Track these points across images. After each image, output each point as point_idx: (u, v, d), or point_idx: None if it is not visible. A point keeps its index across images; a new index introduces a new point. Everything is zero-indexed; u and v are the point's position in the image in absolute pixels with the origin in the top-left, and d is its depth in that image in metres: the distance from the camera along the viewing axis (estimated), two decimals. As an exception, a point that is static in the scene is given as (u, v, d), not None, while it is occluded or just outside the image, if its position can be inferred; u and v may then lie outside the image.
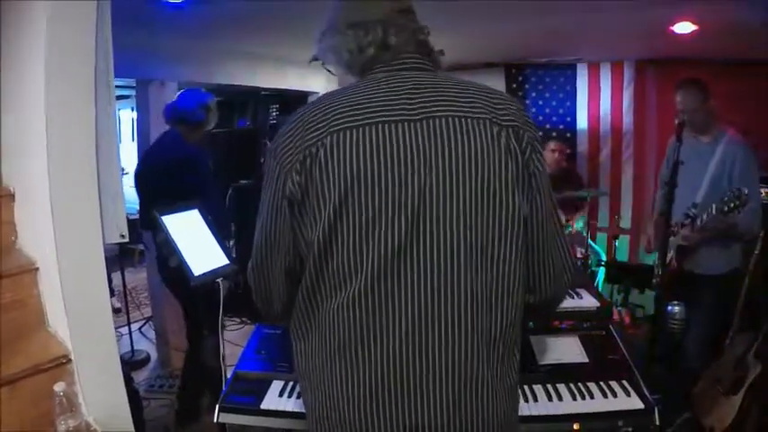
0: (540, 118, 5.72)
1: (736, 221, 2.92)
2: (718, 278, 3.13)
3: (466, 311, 1.12)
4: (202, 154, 3.33)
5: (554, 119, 5.73)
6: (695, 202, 3.06)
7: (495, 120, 1.15)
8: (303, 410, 1.29)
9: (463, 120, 1.14)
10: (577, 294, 2.16)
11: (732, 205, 2.75)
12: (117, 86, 2.45)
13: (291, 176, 1.12)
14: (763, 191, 3.80)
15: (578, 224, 4.80)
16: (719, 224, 2.94)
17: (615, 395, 1.86)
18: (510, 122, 1.16)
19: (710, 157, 3.08)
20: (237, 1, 3.11)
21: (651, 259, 3.71)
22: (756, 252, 3.32)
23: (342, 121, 1.11)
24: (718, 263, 3.12)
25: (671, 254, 3.22)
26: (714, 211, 2.85)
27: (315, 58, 1.35)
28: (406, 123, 1.12)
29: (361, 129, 1.10)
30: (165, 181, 3.08)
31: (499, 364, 1.17)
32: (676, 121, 2.96)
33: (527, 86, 5.77)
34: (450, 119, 1.13)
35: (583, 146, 5.65)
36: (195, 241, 2.24)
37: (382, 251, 1.09)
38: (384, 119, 1.11)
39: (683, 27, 3.72)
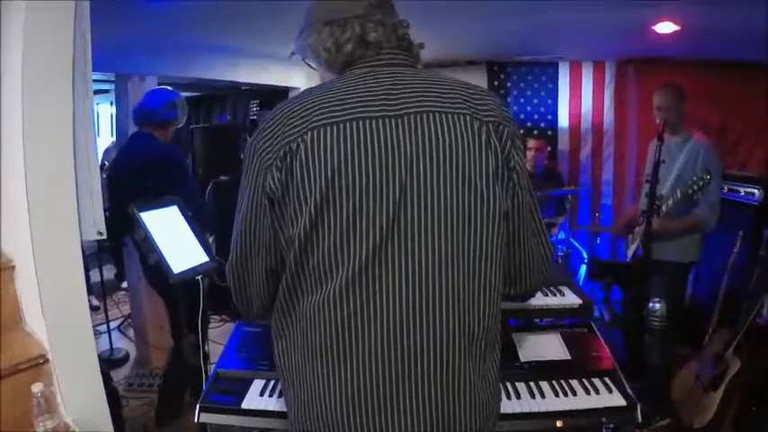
0: (522, 116, 5.73)
1: (696, 213, 3.14)
2: (676, 265, 3.29)
3: (448, 307, 1.11)
4: (176, 149, 3.31)
5: (535, 117, 5.74)
6: (660, 194, 3.18)
7: (475, 115, 1.15)
8: (284, 410, 1.28)
9: (444, 115, 1.13)
10: (560, 292, 2.16)
11: (695, 188, 2.96)
12: (95, 80, 2.41)
13: (271, 173, 1.10)
14: (742, 189, 3.89)
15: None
16: (680, 221, 3.16)
17: (597, 392, 1.86)
18: (490, 118, 1.16)
19: (679, 154, 3.25)
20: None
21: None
22: (735, 250, 3.39)
23: (322, 117, 1.10)
24: (674, 251, 3.26)
25: (635, 245, 3.41)
26: (679, 195, 3.05)
27: (294, 53, 1.34)
28: (386, 119, 1.11)
29: (341, 125, 1.09)
30: (141, 182, 3.02)
31: (481, 360, 1.17)
32: (658, 121, 3.04)
33: (509, 84, 5.77)
34: (430, 114, 1.13)
35: (564, 144, 5.67)
36: (175, 238, 2.20)
37: (363, 247, 1.08)
38: (364, 115, 1.11)
39: (665, 27, 3.74)
